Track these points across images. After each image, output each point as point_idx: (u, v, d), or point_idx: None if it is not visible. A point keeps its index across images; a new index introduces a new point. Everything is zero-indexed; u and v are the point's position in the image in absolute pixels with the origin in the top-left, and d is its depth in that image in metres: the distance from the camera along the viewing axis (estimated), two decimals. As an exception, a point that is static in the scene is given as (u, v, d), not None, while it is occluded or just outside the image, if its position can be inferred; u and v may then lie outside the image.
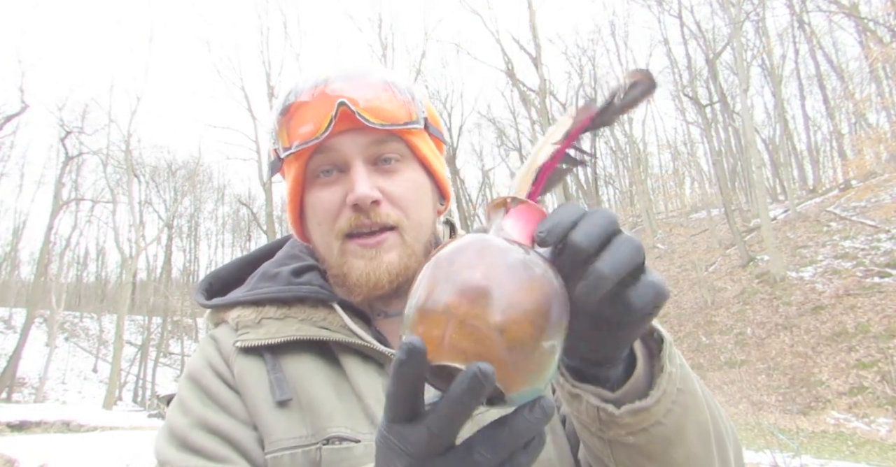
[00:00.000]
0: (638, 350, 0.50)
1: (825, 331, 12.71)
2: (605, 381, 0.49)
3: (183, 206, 37.19)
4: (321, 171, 0.73)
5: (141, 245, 26.34)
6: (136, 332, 36.27)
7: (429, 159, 0.78)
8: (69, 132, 26.18)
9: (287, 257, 0.83)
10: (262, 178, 22.75)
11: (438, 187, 0.82)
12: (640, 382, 0.49)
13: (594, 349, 0.47)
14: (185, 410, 0.70)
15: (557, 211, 0.43)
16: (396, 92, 0.74)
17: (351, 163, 0.71)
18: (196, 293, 0.83)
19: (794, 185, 24.10)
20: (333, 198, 0.72)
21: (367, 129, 0.71)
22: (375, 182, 0.72)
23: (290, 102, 0.73)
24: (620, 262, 0.39)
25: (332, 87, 0.71)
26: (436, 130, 0.80)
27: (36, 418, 12.74)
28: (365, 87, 0.72)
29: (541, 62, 19.92)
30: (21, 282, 40.01)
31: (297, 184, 0.75)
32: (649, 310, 0.42)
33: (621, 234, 0.41)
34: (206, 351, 0.76)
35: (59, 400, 26.40)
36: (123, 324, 22.89)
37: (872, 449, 8.79)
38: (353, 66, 0.76)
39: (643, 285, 0.42)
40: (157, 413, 16.37)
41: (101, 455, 8.01)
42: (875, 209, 16.12)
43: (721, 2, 19.64)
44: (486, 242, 0.41)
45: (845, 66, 25.41)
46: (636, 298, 0.41)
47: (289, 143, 0.73)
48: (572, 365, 0.50)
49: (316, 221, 0.75)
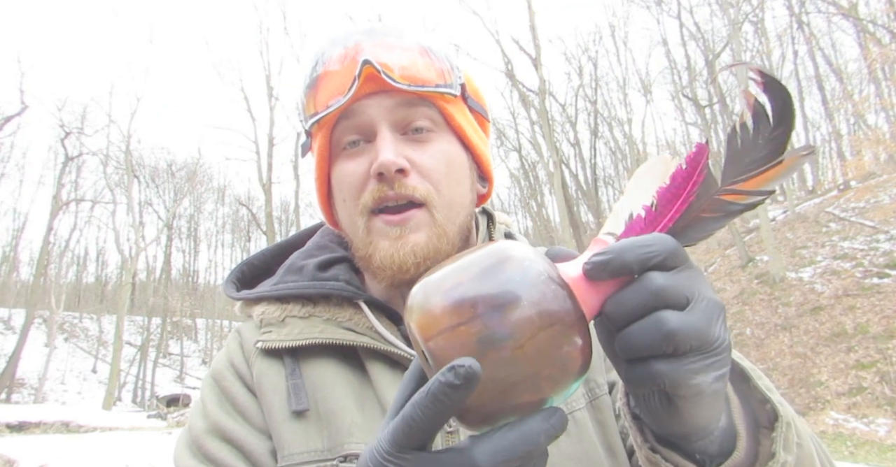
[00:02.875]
0: (740, 424, 0.42)
1: (824, 332, 12.71)
2: (694, 453, 0.41)
3: (182, 207, 37.26)
4: (347, 143, 0.67)
5: (140, 245, 26.33)
6: (135, 333, 36.21)
7: (465, 131, 0.70)
8: (69, 133, 26.18)
9: (316, 247, 0.78)
10: (262, 179, 22.74)
11: (479, 166, 0.74)
12: (741, 464, 0.41)
13: (657, 423, 0.40)
14: (204, 413, 0.68)
15: (624, 241, 0.36)
16: (433, 57, 0.67)
17: (377, 128, 0.65)
18: (226, 283, 0.79)
19: (794, 186, 24.11)
20: (358, 169, 0.66)
21: (396, 91, 0.65)
22: (403, 151, 0.65)
23: (318, 74, 0.67)
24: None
25: (363, 55, 0.64)
26: (476, 104, 0.73)
27: (35, 419, 12.72)
28: (399, 51, 0.65)
29: (540, 63, 19.93)
30: (20, 282, 39.95)
31: (322, 158, 0.69)
32: (708, 385, 0.35)
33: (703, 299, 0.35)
34: (231, 347, 0.73)
35: (58, 401, 26.38)
36: (123, 324, 22.86)
37: (871, 450, 8.80)
38: (385, 28, 0.69)
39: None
40: (156, 413, 16.35)
41: (100, 455, 8.00)
42: (874, 210, 16.13)
43: (720, 3, 19.65)
44: (508, 256, 0.37)
45: (844, 67, 25.45)
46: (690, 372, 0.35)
47: (313, 109, 0.67)
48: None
49: (342, 198, 0.69)
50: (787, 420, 0.43)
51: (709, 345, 0.35)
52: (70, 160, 26.73)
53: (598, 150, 28.68)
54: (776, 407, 0.43)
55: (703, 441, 0.41)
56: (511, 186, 36.07)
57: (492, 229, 0.80)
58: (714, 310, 0.36)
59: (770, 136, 0.38)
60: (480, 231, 0.78)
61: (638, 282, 0.35)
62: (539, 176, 28.87)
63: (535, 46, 20.14)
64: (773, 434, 0.42)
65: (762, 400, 0.44)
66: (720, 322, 0.36)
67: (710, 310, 0.35)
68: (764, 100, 0.39)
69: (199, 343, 38.85)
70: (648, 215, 0.39)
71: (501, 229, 0.81)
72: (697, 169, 0.38)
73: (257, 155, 23.88)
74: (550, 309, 0.34)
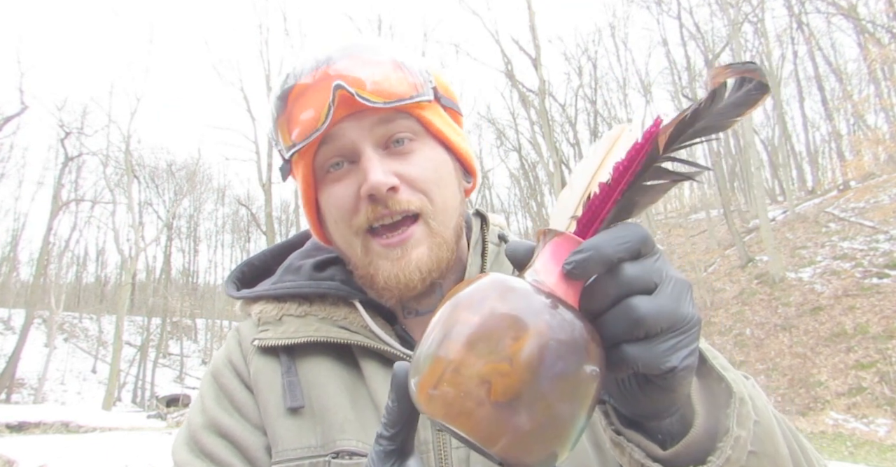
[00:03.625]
0: (698, 402, 0.43)
1: (824, 332, 12.71)
2: (657, 432, 0.43)
3: (182, 207, 37.25)
4: (330, 165, 0.67)
5: (140, 246, 26.33)
6: (135, 333, 36.21)
7: (445, 134, 0.70)
8: (69, 133, 26.18)
9: (314, 248, 0.79)
10: (262, 179, 22.73)
11: (462, 163, 0.75)
12: (699, 441, 0.42)
13: (623, 404, 0.41)
14: (202, 408, 0.69)
15: (599, 236, 0.37)
16: (406, 71, 0.67)
17: (360, 149, 0.65)
18: (227, 282, 0.80)
19: (793, 186, 24.11)
20: (347, 192, 0.66)
21: (371, 110, 0.65)
22: (390, 167, 0.65)
23: (289, 85, 0.67)
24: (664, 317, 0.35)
25: (335, 68, 0.65)
26: (449, 101, 0.73)
27: (35, 419, 12.73)
28: (372, 66, 0.65)
29: (540, 63, 19.93)
30: (20, 282, 39.94)
31: (307, 184, 0.69)
32: (681, 372, 0.37)
33: (669, 276, 0.37)
34: (230, 345, 0.75)
35: (58, 401, 26.37)
36: (123, 324, 22.86)
37: (871, 450, 8.80)
38: (357, 43, 0.68)
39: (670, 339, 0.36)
40: (156, 414, 16.36)
41: (100, 456, 8.00)
42: (874, 210, 16.13)
43: (720, 3, 19.67)
44: (504, 286, 0.36)
45: (844, 67, 25.47)
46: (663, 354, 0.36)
47: (290, 139, 0.67)
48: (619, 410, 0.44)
49: (333, 220, 0.69)
50: (740, 396, 0.43)
51: (678, 324, 0.36)
52: (70, 160, 26.73)
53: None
54: (731, 385, 0.44)
55: (668, 420, 0.42)
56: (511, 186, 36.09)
57: (485, 231, 0.80)
58: (682, 290, 0.37)
59: (718, 114, 0.38)
60: (474, 233, 0.78)
61: (610, 273, 0.36)
62: (539, 176, 28.90)
63: (534, 46, 20.14)
64: (727, 410, 0.43)
65: (718, 379, 0.45)
66: (688, 300, 0.37)
67: (677, 290, 0.37)
68: (732, 84, 0.38)
69: (198, 343, 38.84)
70: (602, 191, 0.39)
71: (495, 231, 0.81)
72: (648, 142, 0.38)
73: (257, 155, 23.88)
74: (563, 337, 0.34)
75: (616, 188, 0.39)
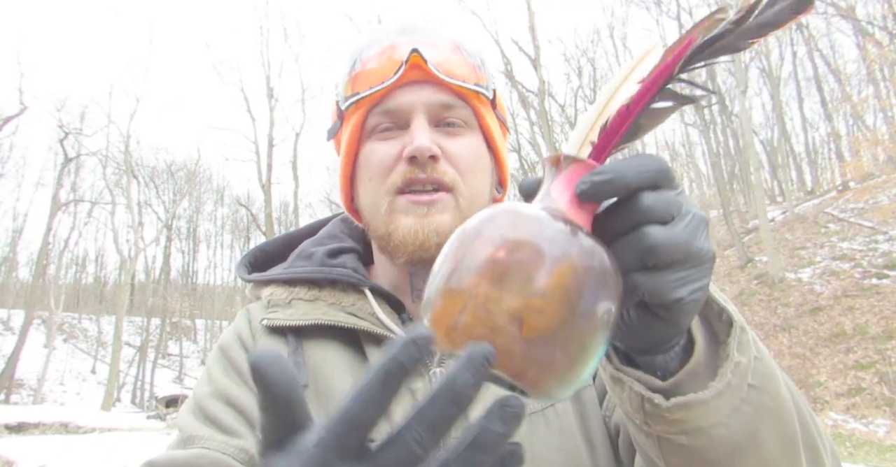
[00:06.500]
0: (698, 334, 0.43)
1: (823, 333, 12.72)
2: (656, 368, 0.42)
3: (182, 208, 37.23)
4: (380, 128, 0.70)
5: (140, 246, 26.30)
6: (134, 334, 36.17)
7: (493, 133, 0.74)
8: (68, 133, 26.19)
9: (327, 237, 0.81)
10: (262, 180, 22.73)
11: (498, 170, 0.77)
12: (699, 371, 0.41)
13: (628, 336, 0.40)
14: (209, 380, 0.71)
15: (621, 162, 0.36)
16: (465, 53, 0.71)
17: (413, 115, 0.68)
18: (239, 266, 0.82)
19: (793, 187, 24.14)
20: (390, 151, 0.69)
21: (435, 83, 0.68)
22: (436, 139, 0.68)
23: (356, 71, 0.70)
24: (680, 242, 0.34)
25: (413, 38, 0.69)
26: (501, 116, 0.77)
27: (34, 419, 12.72)
28: (434, 48, 0.69)
29: (540, 64, 19.95)
30: (20, 283, 39.92)
31: (353, 139, 0.72)
32: (689, 302, 0.36)
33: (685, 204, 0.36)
34: (239, 323, 0.77)
35: (57, 402, 26.36)
36: (122, 325, 22.85)
37: (871, 450, 8.80)
38: (419, 26, 0.73)
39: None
40: (155, 414, 16.35)
41: (99, 456, 8.00)
42: (873, 210, 16.15)
43: (719, 4, 19.69)
44: (518, 213, 0.35)
45: (843, 68, 25.46)
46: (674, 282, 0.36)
47: (351, 90, 0.70)
48: (616, 346, 0.44)
49: (367, 176, 0.71)
50: (741, 325, 0.43)
51: (691, 257, 0.36)
52: (69, 161, 26.72)
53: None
54: (731, 315, 0.43)
55: (663, 356, 0.42)
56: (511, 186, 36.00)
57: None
58: (698, 224, 0.37)
59: (741, 33, 0.37)
60: None
61: (627, 201, 0.36)
62: (538, 176, 28.79)
63: (534, 47, 20.16)
64: (728, 339, 0.42)
65: (719, 311, 0.44)
66: (703, 235, 0.37)
67: (693, 224, 0.36)
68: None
69: (198, 343, 38.79)
70: (620, 114, 0.37)
71: None
72: (676, 62, 0.36)
73: (257, 155, 23.87)
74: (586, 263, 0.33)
75: (634, 111, 0.37)
